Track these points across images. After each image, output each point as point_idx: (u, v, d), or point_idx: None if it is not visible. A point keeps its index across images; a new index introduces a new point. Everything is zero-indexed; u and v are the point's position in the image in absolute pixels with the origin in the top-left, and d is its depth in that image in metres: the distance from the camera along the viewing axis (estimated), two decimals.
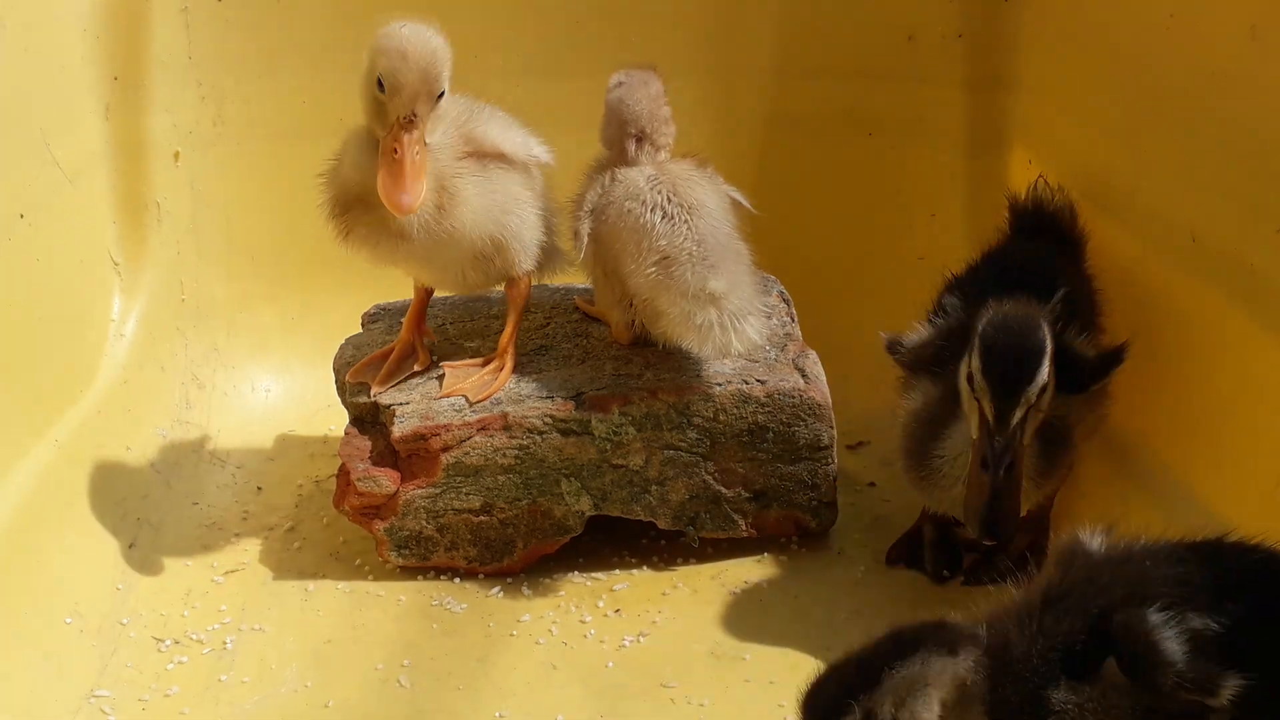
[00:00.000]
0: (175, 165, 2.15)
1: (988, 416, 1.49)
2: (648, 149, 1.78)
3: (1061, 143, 2.06)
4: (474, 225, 1.72)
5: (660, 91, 1.80)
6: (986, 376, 1.48)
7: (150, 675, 1.66)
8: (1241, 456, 1.62)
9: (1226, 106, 1.67)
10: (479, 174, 1.72)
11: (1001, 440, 1.48)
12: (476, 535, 1.81)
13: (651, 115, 1.78)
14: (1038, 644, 1.24)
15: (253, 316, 2.22)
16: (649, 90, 1.79)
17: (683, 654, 1.70)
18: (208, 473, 2.04)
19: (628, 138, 1.78)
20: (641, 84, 1.79)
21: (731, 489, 1.82)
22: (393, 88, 1.60)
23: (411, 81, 1.60)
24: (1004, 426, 1.48)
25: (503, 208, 1.76)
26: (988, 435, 1.49)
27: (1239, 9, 1.64)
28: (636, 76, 1.80)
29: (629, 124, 1.78)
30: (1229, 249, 1.65)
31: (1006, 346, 1.49)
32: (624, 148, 1.78)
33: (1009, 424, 1.48)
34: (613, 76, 1.81)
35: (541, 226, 1.83)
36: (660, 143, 1.79)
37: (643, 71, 1.81)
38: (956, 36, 2.19)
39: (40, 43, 1.90)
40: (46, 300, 1.86)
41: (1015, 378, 1.48)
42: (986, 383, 1.48)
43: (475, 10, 2.21)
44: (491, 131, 1.75)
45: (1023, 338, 1.50)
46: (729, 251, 1.75)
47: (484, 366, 1.83)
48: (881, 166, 2.26)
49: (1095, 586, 1.26)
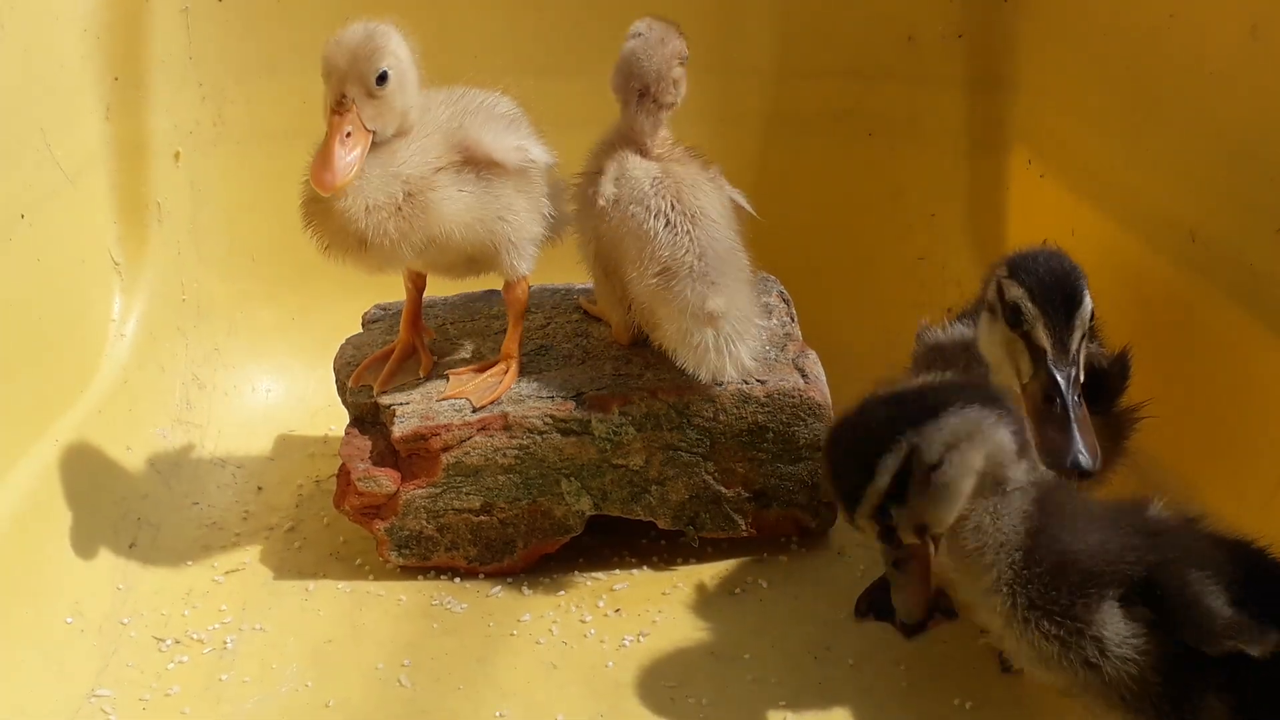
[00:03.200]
0: (175, 165, 2.15)
1: (1044, 346, 1.36)
2: (650, 105, 1.77)
3: (1061, 143, 2.06)
4: (461, 237, 1.71)
5: (676, 50, 1.77)
6: (1036, 301, 1.37)
7: (151, 675, 1.66)
8: (1241, 456, 1.62)
9: (1226, 106, 1.67)
10: (464, 186, 1.70)
11: (1065, 368, 1.35)
12: (476, 535, 1.81)
13: (659, 75, 1.75)
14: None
15: (253, 316, 2.22)
16: (664, 49, 1.76)
17: (683, 654, 1.70)
18: (208, 473, 2.04)
19: (631, 91, 1.77)
20: (659, 41, 1.76)
21: (731, 489, 1.82)
22: (324, 72, 1.61)
23: (339, 65, 1.60)
24: (1065, 352, 1.36)
25: (495, 214, 1.74)
26: (1047, 368, 1.36)
27: (1239, 9, 1.64)
28: (656, 32, 1.77)
29: (634, 78, 1.76)
30: (1229, 249, 1.66)
31: (1048, 270, 1.38)
32: (626, 100, 1.77)
33: (1069, 350, 1.36)
34: (635, 24, 1.79)
35: (541, 228, 1.82)
36: (665, 101, 1.77)
37: (664, 26, 1.78)
38: (956, 36, 2.19)
39: (40, 43, 1.90)
40: (46, 300, 1.86)
41: (1068, 297, 1.37)
42: (1038, 308, 1.37)
43: (475, 10, 2.21)
44: (484, 138, 1.73)
45: (1059, 260, 1.40)
46: (730, 265, 1.74)
47: (485, 370, 1.83)
48: (881, 166, 2.26)
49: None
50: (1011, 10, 2.15)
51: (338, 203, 1.62)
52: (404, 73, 1.65)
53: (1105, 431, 1.54)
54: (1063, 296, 1.37)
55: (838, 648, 1.70)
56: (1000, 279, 1.41)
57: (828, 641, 1.71)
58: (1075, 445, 1.32)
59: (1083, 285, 1.38)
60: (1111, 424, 1.57)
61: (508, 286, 1.83)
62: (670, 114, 1.79)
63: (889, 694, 1.62)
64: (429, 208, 1.67)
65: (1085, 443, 1.33)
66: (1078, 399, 1.34)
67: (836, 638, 1.72)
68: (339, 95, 1.61)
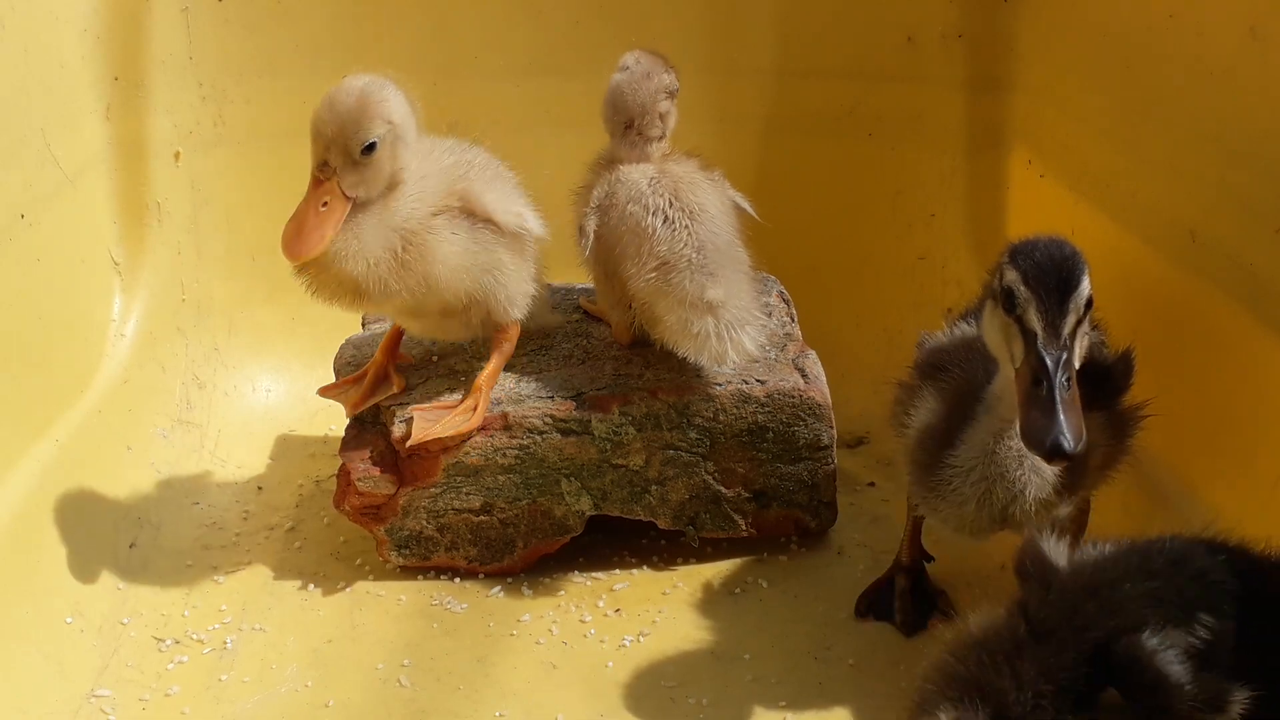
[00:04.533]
0: (175, 165, 2.15)
1: (1035, 329, 1.34)
2: (634, 138, 1.78)
3: (1061, 143, 2.06)
4: (448, 280, 1.70)
5: (663, 85, 1.79)
6: (1029, 284, 1.35)
7: (150, 675, 1.66)
8: (1241, 456, 1.62)
9: (1226, 106, 1.67)
10: (458, 231, 1.70)
11: (1054, 351, 1.32)
12: (476, 535, 1.81)
13: (644, 109, 1.78)
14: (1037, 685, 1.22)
15: (253, 316, 2.22)
16: (650, 83, 1.78)
17: (683, 654, 1.70)
18: (208, 473, 2.04)
19: (617, 124, 1.79)
20: (644, 75, 1.78)
21: (731, 489, 1.82)
22: (311, 133, 1.59)
23: (325, 132, 1.58)
24: (1055, 336, 1.33)
25: (483, 266, 1.73)
26: (1037, 350, 1.33)
27: (1239, 9, 1.64)
28: (643, 66, 1.79)
29: (620, 112, 1.78)
30: (1228, 249, 1.65)
31: (1045, 255, 1.36)
32: (613, 132, 1.79)
33: (1060, 334, 1.33)
34: (624, 57, 1.80)
35: (532, 288, 1.81)
36: (650, 135, 1.79)
37: (651, 60, 1.80)
38: (956, 37, 2.19)
39: (40, 43, 1.90)
40: (46, 300, 1.86)
41: (1063, 280, 1.34)
42: (1031, 291, 1.34)
43: (475, 10, 2.21)
44: (487, 197, 1.72)
45: (1058, 246, 1.38)
46: (728, 258, 1.74)
47: (457, 406, 1.79)
48: (881, 166, 2.26)
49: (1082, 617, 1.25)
50: (1011, 10, 2.15)
51: (339, 265, 1.61)
52: (398, 136, 1.62)
53: (1109, 429, 1.54)
54: (1057, 280, 1.34)
55: (838, 648, 1.70)
56: (1001, 265, 1.40)
57: (828, 641, 1.71)
58: (1058, 426, 1.28)
59: (1081, 270, 1.36)
60: (1115, 422, 1.56)
61: (500, 328, 1.81)
62: (660, 146, 1.80)
63: (889, 694, 1.62)
64: (426, 251, 1.66)
65: (1070, 424, 1.29)
66: (1066, 381, 1.31)
67: (836, 638, 1.72)
68: (321, 162, 1.59)
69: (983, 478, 1.45)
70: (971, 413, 1.47)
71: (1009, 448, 1.44)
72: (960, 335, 1.65)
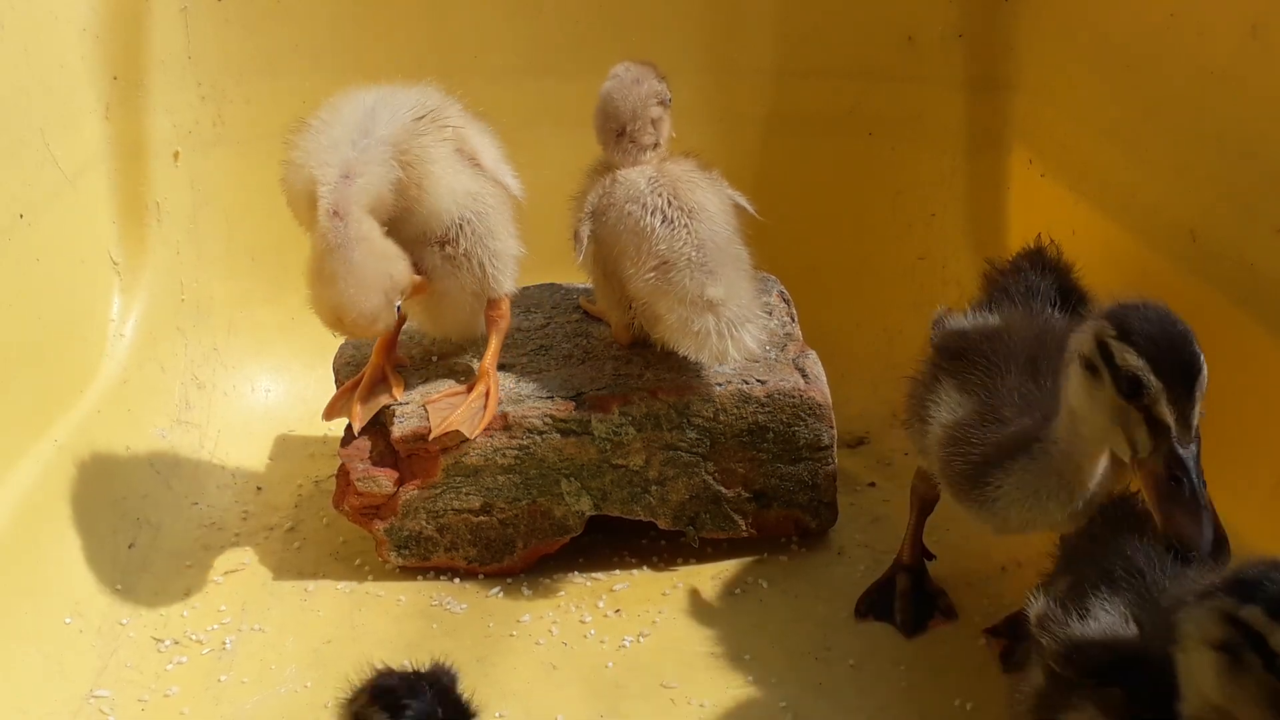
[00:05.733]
0: (175, 165, 2.15)
1: (1168, 423, 1.26)
2: (627, 146, 1.79)
3: (1061, 143, 2.06)
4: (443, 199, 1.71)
5: (652, 91, 1.79)
6: (1161, 374, 1.26)
7: (150, 675, 1.66)
8: (1241, 457, 1.62)
9: (1226, 106, 1.67)
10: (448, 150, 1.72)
11: (1190, 446, 1.26)
12: (476, 535, 1.81)
13: (635, 115, 1.78)
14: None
15: (253, 316, 2.22)
16: (639, 89, 1.79)
17: (683, 654, 1.70)
18: (208, 473, 2.04)
19: (609, 132, 1.79)
20: (633, 82, 1.79)
21: (731, 489, 1.82)
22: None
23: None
24: (1188, 428, 1.26)
25: (468, 191, 1.74)
26: (1169, 445, 1.27)
27: (1239, 9, 1.64)
28: (632, 73, 1.80)
29: (610, 119, 1.79)
30: (1228, 249, 1.65)
31: (1166, 337, 1.27)
32: (605, 141, 1.80)
33: (1192, 425, 1.27)
34: (613, 67, 1.82)
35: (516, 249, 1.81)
36: (643, 142, 1.79)
37: (640, 68, 1.81)
38: (956, 37, 2.19)
39: (40, 43, 1.90)
40: (46, 300, 1.86)
41: (1189, 366, 1.26)
42: (1163, 381, 1.26)
43: (475, 10, 2.21)
44: (480, 141, 1.76)
45: (1173, 323, 1.29)
46: (728, 256, 1.74)
47: (466, 394, 1.80)
48: (881, 166, 2.26)
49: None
50: (1011, 10, 2.15)
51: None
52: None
53: None
54: (1183, 367, 1.27)
55: (838, 648, 1.70)
56: (1107, 339, 1.30)
57: (828, 641, 1.71)
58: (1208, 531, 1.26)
59: (1199, 351, 1.28)
60: None
61: (491, 304, 1.82)
62: (655, 154, 1.80)
63: (889, 694, 1.62)
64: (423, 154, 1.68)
65: (1214, 526, 1.27)
66: (1201, 480, 1.27)
67: (836, 638, 1.72)
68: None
69: (1027, 509, 1.44)
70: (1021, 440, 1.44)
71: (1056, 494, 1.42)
72: (982, 323, 1.63)
